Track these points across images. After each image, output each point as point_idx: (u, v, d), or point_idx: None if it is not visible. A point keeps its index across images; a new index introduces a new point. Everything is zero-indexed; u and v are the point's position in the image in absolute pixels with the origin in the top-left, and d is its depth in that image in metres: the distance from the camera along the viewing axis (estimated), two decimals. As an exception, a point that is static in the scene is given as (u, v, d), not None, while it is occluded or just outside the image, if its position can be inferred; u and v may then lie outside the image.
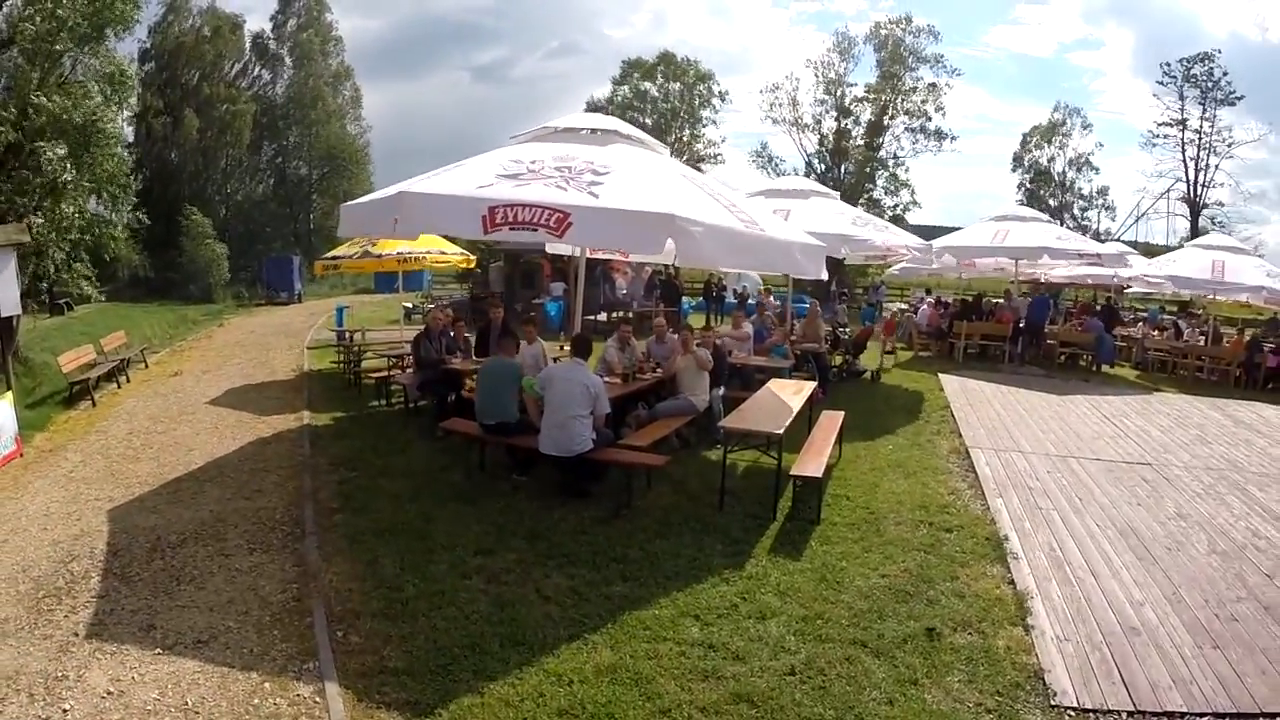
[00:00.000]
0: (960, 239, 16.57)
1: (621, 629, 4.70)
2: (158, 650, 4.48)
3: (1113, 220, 49.33)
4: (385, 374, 11.11)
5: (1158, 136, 47.08)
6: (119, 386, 12.48)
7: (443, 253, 13.66)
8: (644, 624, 4.76)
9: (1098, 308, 20.33)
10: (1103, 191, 49.30)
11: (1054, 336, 17.46)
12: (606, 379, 7.97)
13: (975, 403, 11.84)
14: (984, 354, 16.81)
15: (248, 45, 41.00)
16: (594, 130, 7.80)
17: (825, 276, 7.69)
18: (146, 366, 14.45)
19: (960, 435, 9.75)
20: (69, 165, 13.40)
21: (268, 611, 4.92)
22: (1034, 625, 4.97)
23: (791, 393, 8.05)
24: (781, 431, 6.64)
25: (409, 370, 10.38)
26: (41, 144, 13.09)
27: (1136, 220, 48.85)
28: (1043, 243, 15.13)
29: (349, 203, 8.38)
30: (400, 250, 12.24)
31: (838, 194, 15.59)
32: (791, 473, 6.54)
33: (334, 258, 14.12)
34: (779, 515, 6.53)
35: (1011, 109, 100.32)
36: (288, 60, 41.37)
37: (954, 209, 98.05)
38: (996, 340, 16.52)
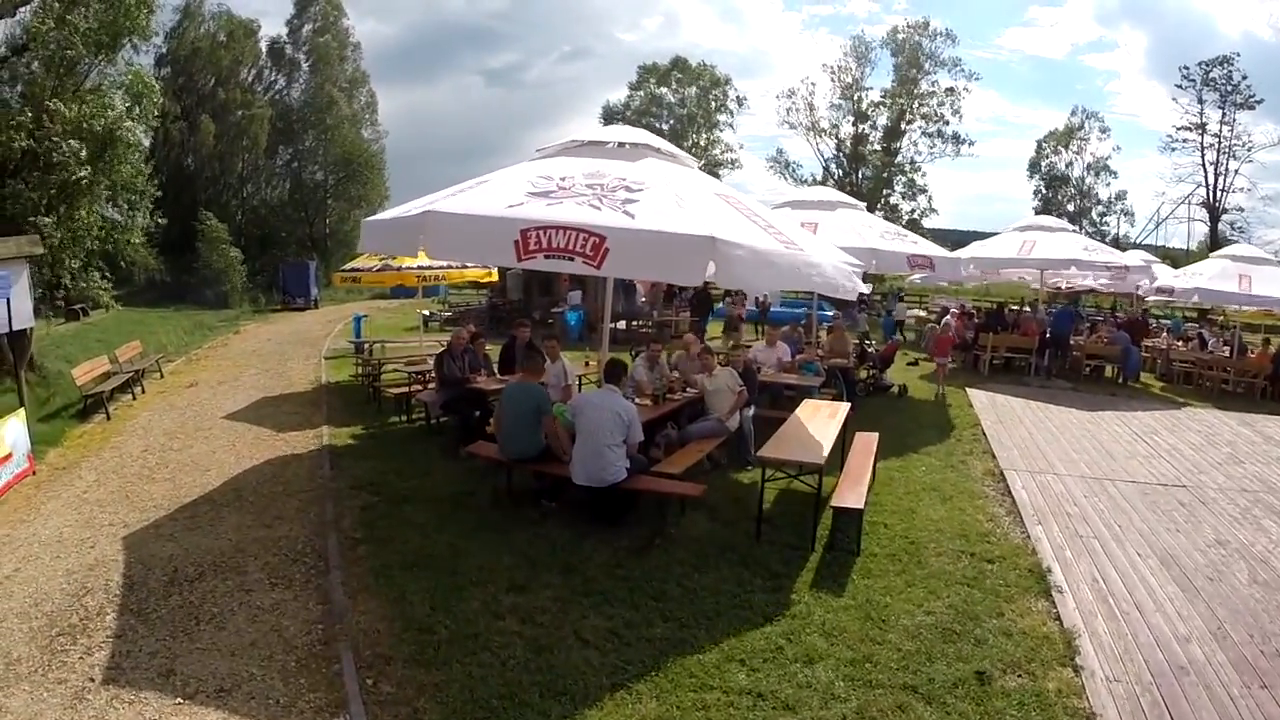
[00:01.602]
0: (987, 250, 16.29)
1: (665, 676, 4.46)
2: (178, 699, 4.25)
3: (1131, 225, 48.96)
4: (406, 390, 10.89)
5: (1176, 141, 46.69)
6: (134, 398, 12.34)
7: (464, 266, 13.42)
8: (688, 670, 4.52)
9: (1140, 316, 19.99)
10: (1121, 196, 48.96)
11: (1080, 349, 17.12)
12: (637, 401, 7.72)
13: (1005, 419, 11.55)
14: (1009, 366, 16.45)
15: (264, 50, 41.15)
16: (622, 144, 7.51)
17: (867, 290, 7.42)
18: (162, 376, 14.32)
19: (994, 456, 9.49)
20: (84, 159, 13.31)
21: (293, 656, 4.69)
22: (1083, 665, 4.80)
23: (827, 417, 7.78)
24: (823, 461, 6.39)
25: (431, 387, 10.15)
26: (57, 138, 13.03)
27: (1156, 226, 48.41)
28: (1070, 254, 14.89)
29: (371, 218, 8.15)
30: (421, 264, 12.04)
31: (863, 205, 15.34)
32: (832, 504, 6.30)
33: (354, 270, 13.91)
34: (817, 545, 6.28)
35: (1025, 111, 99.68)
36: (304, 65, 41.44)
37: (969, 212, 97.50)
38: (1022, 352, 16.16)
